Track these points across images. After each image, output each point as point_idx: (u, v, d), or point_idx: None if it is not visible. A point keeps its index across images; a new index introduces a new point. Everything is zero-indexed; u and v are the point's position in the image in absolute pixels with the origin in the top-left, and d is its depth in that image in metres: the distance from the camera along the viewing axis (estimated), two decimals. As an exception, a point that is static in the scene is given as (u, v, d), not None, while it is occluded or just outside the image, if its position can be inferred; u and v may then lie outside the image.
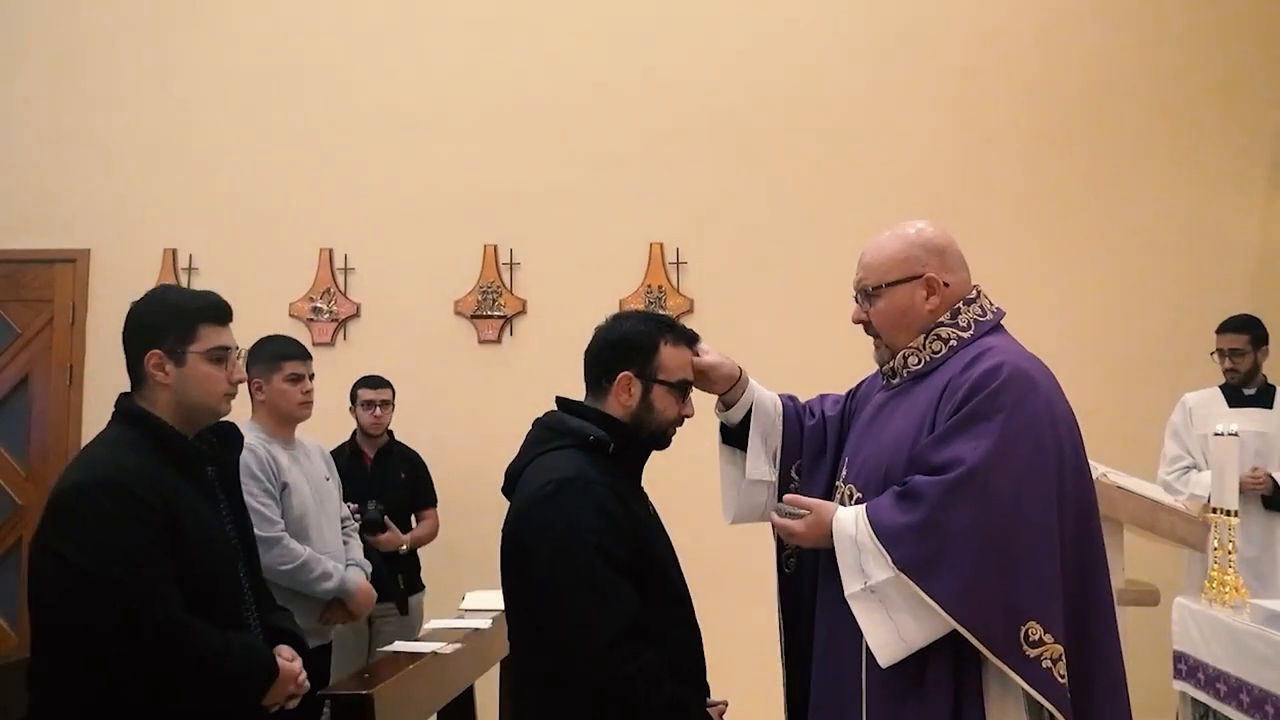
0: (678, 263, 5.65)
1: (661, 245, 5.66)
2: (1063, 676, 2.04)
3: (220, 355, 2.33)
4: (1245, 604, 3.10)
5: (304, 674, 2.39)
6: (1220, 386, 4.94)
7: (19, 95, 5.99)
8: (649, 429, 2.37)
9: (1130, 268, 5.46)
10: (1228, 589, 3.15)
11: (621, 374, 2.34)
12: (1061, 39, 5.58)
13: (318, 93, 5.86)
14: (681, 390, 2.41)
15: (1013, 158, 5.54)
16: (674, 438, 2.46)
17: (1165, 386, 5.12)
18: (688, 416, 2.43)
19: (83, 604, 2.09)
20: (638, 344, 2.37)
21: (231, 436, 2.51)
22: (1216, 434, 3.31)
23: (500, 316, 5.72)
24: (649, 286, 5.63)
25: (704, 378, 2.53)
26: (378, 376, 5.06)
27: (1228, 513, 3.20)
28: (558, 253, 5.66)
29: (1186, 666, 3.20)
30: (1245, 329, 4.88)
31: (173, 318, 2.31)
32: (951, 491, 2.07)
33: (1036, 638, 2.03)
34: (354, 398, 5.07)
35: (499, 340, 5.72)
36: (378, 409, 4.90)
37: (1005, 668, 2.03)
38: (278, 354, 3.80)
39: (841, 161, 5.58)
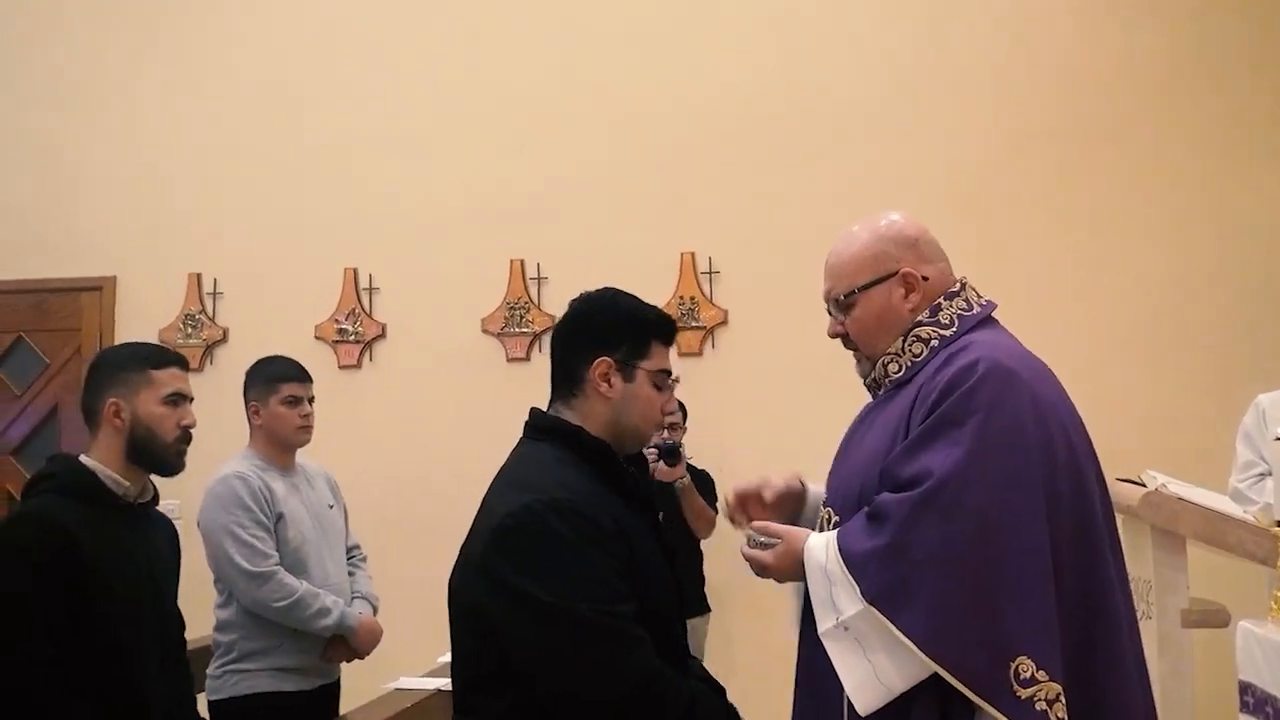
0: (710, 272, 5.43)
1: (693, 254, 5.44)
2: (1062, 719, 1.76)
3: (662, 381, 2.14)
4: (1318, 628, 2.78)
5: None
6: (1301, 384, 4.59)
7: (42, 126, 6.00)
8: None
9: (1180, 261, 5.11)
10: (1294, 611, 2.84)
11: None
12: (1088, 33, 5.29)
13: (338, 112, 5.77)
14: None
15: (1050, 156, 5.23)
16: None
17: (1237, 385, 4.77)
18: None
19: (547, 642, 1.87)
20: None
21: (638, 460, 2.31)
22: (1277, 439, 3.00)
23: (528, 333, 5.53)
24: (681, 298, 5.41)
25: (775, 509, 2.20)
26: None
27: (1293, 525, 2.89)
28: (586, 265, 5.41)
29: (1254, 699, 2.87)
30: None
31: (629, 326, 2.11)
32: (918, 509, 1.81)
33: (1028, 675, 1.75)
34: None
35: (528, 357, 5.54)
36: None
37: (994, 712, 1.75)
38: (274, 375, 3.64)
39: (881, 164, 5.30)
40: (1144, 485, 3.22)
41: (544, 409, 2.16)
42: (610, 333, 2.10)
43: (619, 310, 2.14)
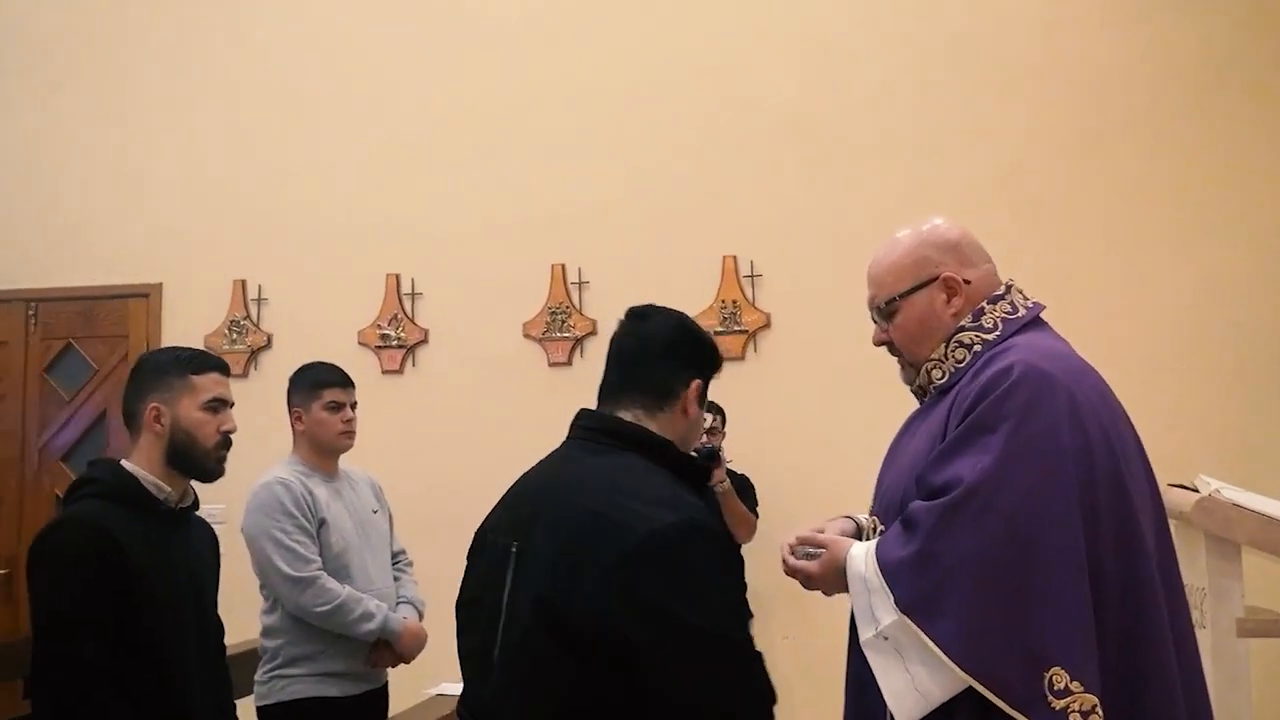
0: (753, 276, 5.38)
1: (735, 258, 5.39)
2: None
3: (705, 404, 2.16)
4: (1381, 638, 2.70)
5: None
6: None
7: (85, 134, 6.08)
8: None
9: (1232, 261, 4.95)
10: (1358, 620, 2.75)
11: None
12: (1125, 38, 5.17)
13: (380, 116, 5.79)
14: None
15: (1094, 159, 5.10)
16: None
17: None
18: None
19: (712, 671, 1.73)
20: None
21: None
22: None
23: (570, 338, 5.52)
24: (723, 302, 5.36)
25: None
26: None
27: (1356, 532, 2.80)
28: (627, 269, 5.43)
29: (1315, 711, 2.81)
30: None
31: (711, 356, 2.11)
32: (947, 516, 1.77)
33: (1062, 686, 1.70)
34: None
35: (569, 362, 5.52)
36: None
37: None
38: (317, 381, 3.66)
39: (924, 166, 5.22)
40: (1197, 491, 3.13)
41: (590, 412, 2.06)
42: (704, 358, 2.08)
43: (706, 338, 2.13)
